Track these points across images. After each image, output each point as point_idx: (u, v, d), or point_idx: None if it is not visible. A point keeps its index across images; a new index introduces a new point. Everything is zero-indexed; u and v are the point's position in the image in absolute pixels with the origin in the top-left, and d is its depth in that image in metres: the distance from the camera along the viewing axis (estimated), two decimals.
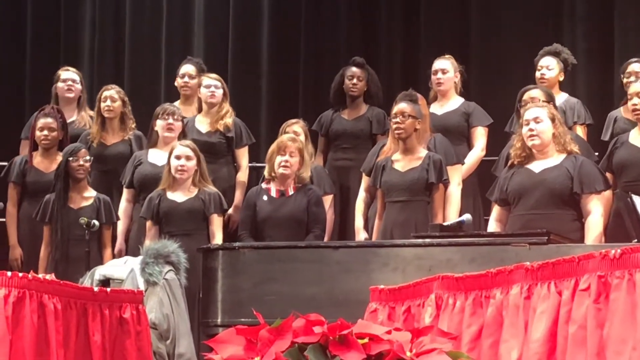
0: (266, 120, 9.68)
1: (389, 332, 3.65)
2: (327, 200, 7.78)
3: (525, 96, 7.31)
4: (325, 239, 7.46)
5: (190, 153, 7.40)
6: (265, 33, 10.01)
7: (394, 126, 7.18)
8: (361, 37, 9.90)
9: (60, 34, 10.28)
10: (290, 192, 7.34)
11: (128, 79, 9.89)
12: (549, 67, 7.99)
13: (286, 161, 7.26)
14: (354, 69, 8.36)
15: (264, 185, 7.45)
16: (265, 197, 7.36)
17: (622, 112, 7.84)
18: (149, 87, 9.89)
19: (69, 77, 8.50)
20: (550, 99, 7.23)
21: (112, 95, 8.16)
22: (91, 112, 8.46)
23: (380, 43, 9.86)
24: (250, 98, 9.71)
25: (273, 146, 7.38)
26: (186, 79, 8.53)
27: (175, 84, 8.65)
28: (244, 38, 10.04)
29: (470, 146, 7.96)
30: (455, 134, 7.84)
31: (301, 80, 9.94)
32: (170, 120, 7.80)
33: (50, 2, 10.31)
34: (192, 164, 7.39)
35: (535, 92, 7.34)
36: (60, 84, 8.47)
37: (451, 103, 8.09)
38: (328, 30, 9.95)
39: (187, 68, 8.59)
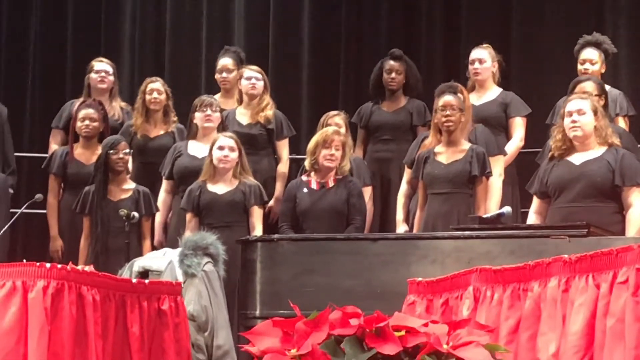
0: (307, 112, 9.69)
1: (426, 325, 3.66)
2: (367, 192, 7.79)
3: (578, 88, 7.25)
4: (365, 231, 7.47)
5: (233, 144, 7.43)
6: (306, 24, 10.02)
7: (444, 119, 7.14)
8: (402, 27, 9.90)
9: (101, 25, 10.32)
10: (331, 184, 7.36)
11: (168, 71, 9.92)
12: (592, 61, 7.93)
13: (331, 154, 7.30)
14: (392, 62, 8.35)
15: (304, 177, 7.48)
16: (305, 190, 7.39)
17: None
18: (189, 79, 9.92)
19: (102, 69, 8.52)
20: (602, 92, 7.20)
21: (158, 88, 8.21)
22: (122, 104, 8.52)
23: (421, 33, 9.87)
24: (291, 90, 9.73)
25: (317, 138, 7.39)
26: (224, 74, 8.54)
27: (215, 77, 8.67)
28: (285, 29, 10.06)
29: (508, 137, 7.94)
30: (493, 124, 7.82)
31: (342, 71, 9.95)
32: (209, 112, 7.82)
33: None
34: (235, 155, 7.41)
35: (588, 85, 7.28)
36: (93, 75, 8.48)
37: (489, 93, 8.08)
38: (369, 21, 9.97)
39: (225, 61, 8.59)
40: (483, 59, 8.04)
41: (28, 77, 10.25)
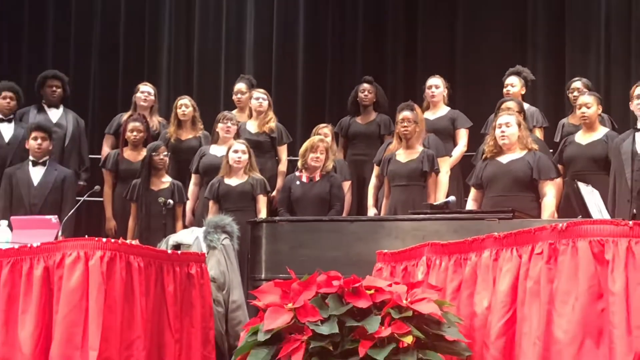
0: (301, 124, 9.65)
1: (390, 285, 3.67)
2: (346, 185, 7.78)
3: (503, 106, 7.32)
4: (344, 214, 7.48)
5: (245, 148, 7.44)
6: (301, 58, 10.00)
7: (402, 129, 7.19)
8: (373, 60, 9.87)
9: (145, 56, 10.30)
10: (317, 178, 7.38)
11: (195, 91, 9.88)
12: (513, 84, 8.02)
13: (317, 157, 7.34)
14: (365, 85, 8.37)
15: (297, 173, 7.48)
16: (298, 182, 7.40)
17: (568, 119, 7.84)
18: (212, 97, 9.87)
19: (145, 90, 8.47)
20: (521, 109, 7.25)
21: (185, 103, 8.19)
22: (160, 118, 8.47)
23: (387, 64, 9.85)
24: (289, 107, 9.68)
25: (307, 144, 7.42)
26: (239, 95, 8.54)
27: (233, 97, 8.66)
28: (284, 62, 10.02)
29: (455, 143, 7.94)
30: (444, 134, 7.80)
31: (327, 93, 9.93)
32: (229, 124, 7.83)
33: (137, 31, 10.33)
34: (246, 157, 7.42)
35: (510, 103, 7.35)
36: (138, 94, 8.44)
37: (440, 111, 8.05)
38: (348, 58, 9.95)
39: (240, 86, 8.59)
40: (437, 85, 8.05)
41: (89, 99, 10.23)
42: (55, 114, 8.36)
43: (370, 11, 9.95)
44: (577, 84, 7.92)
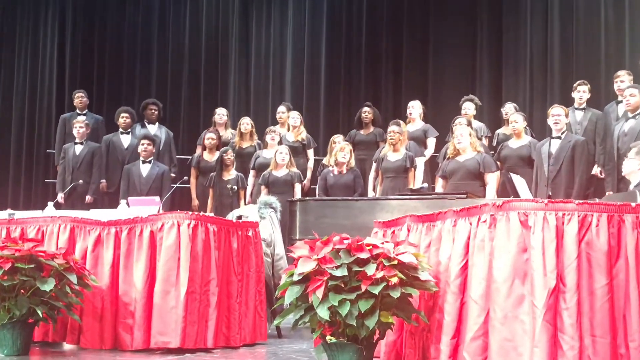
0: (323, 134, 9.63)
1: (382, 244, 3.65)
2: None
3: (456, 122, 7.29)
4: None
5: (287, 151, 7.44)
6: (323, 89, 9.98)
7: (389, 138, 7.18)
8: (372, 91, 9.85)
9: (218, 88, 10.30)
10: (344, 171, 7.26)
11: (252, 112, 9.91)
12: (468, 108, 7.96)
13: (344, 156, 7.22)
14: (366, 108, 8.31)
15: (330, 168, 7.35)
16: (331, 175, 7.28)
17: (502, 130, 7.81)
18: (263, 116, 9.88)
19: (220, 112, 8.52)
20: (469, 124, 7.22)
21: (247, 122, 8.17)
22: (232, 130, 8.49)
23: (382, 93, 9.82)
24: (315, 122, 9.67)
25: (337, 148, 7.30)
26: (280, 114, 8.49)
27: (277, 116, 8.67)
28: (312, 91, 9.99)
29: (426, 147, 7.89)
30: (419, 141, 7.76)
31: (340, 113, 9.91)
32: (273, 135, 7.83)
33: (213, 69, 10.29)
34: (287, 157, 7.40)
35: (461, 120, 7.31)
36: (216, 116, 8.48)
37: (417, 124, 8.01)
38: (354, 88, 9.92)
39: (281, 109, 8.56)
40: (415, 106, 8.01)
41: (180, 117, 10.27)
42: (152, 128, 8.38)
43: (369, 57, 9.92)
44: (509, 106, 7.89)
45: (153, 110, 8.44)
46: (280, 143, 7.86)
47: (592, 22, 8.71)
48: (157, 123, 8.46)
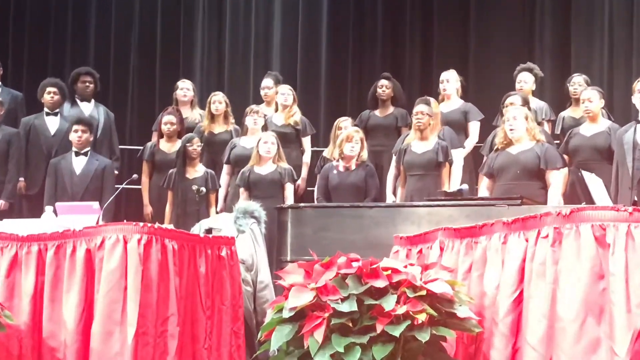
0: (324, 117, 9.65)
1: (405, 267, 3.66)
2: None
3: (507, 101, 7.33)
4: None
5: (273, 140, 7.46)
6: (324, 55, 10.01)
7: (416, 122, 7.20)
8: (391, 56, 9.88)
9: (180, 54, 10.33)
10: (353, 167, 7.27)
11: (227, 87, 9.91)
12: (525, 81, 7.97)
13: (352, 147, 7.23)
14: (383, 80, 8.33)
15: (334, 163, 7.37)
16: (335, 172, 7.29)
17: (569, 112, 7.81)
18: (242, 93, 9.88)
19: (184, 86, 8.56)
20: (525, 103, 7.24)
21: (219, 99, 8.22)
22: (201, 111, 8.52)
23: (405, 61, 9.84)
24: (313, 101, 9.68)
25: (343, 136, 7.32)
26: (265, 90, 8.57)
27: (260, 92, 8.68)
28: (309, 58, 10.03)
29: (466, 135, 7.91)
30: (456, 126, 7.78)
31: (348, 88, 9.93)
32: (255, 117, 7.86)
33: (173, 30, 10.34)
34: (275, 147, 7.43)
35: (514, 98, 7.34)
36: (178, 91, 8.53)
37: (453, 103, 8.03)
38: (367, 54, 9.94)
39: (266, 82, 8.61)
40: (450, 79, 8.02)
41: (128, 92, 10.27)
42: (87, 108, 8.38)
43: (388, 9, 9.94)
44: (578, 79, 7.89)
45: (87, 84, 8.43)
46: (265, 128, 7.87)
47: None
48: (92, 100, 8.46)
